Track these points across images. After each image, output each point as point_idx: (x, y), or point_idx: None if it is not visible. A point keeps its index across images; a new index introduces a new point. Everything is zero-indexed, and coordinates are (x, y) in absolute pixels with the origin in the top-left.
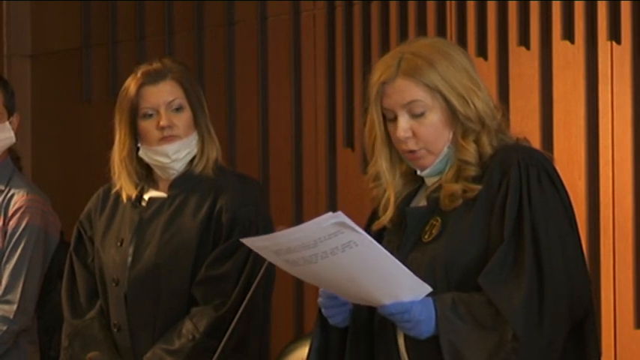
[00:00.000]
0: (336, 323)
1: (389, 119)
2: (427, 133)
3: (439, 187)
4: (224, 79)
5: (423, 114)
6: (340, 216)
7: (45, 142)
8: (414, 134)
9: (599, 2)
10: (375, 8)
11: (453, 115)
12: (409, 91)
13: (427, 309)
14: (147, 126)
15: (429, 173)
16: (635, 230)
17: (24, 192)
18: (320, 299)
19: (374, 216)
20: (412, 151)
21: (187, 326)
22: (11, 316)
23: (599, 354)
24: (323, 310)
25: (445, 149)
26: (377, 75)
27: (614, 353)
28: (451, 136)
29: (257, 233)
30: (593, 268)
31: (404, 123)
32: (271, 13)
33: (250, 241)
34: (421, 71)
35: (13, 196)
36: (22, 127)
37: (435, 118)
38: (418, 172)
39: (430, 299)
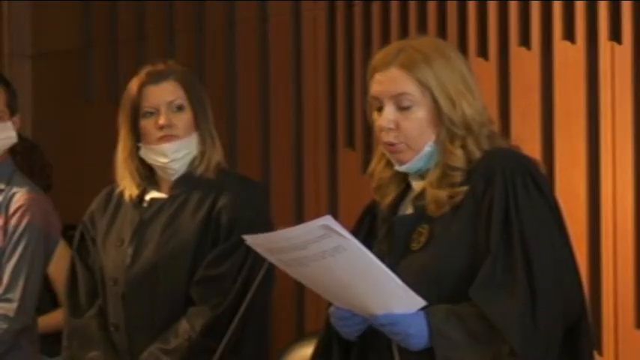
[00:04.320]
0: (348, 337)
1: (375, 108)
2: (410, 128)
3: (424, 193)
4: (225, 80)
5: (410, 108)
6: (327, 219)
7: (45, 143)
8: (397, 127)
9: (600, 2)
10: (375, 8)
11: (438, 116)
12: (400, 82)
13: (418, 323)
14: (147, 125)
15: (407, 169)
16: (635, 230)
17: (25, 191)
18: (333, 319)
19: (367, 211)
20: (392, 144)
21: (184, 326)
22: (12, 315)
23: (591, 355)
24: (339, 329)
25: (426, 148)
26: (374, 60)
27: (614, 353)
28: (434, 137)
29: None
30: (593, 269)
31: (389, 114)
32: (272, 14)
33: (249, 239)
34: (416, 65)
35: (14, 194)
36: (22, 128)
37: (420, 114)
38: (396, 167)
39: (422, 313)
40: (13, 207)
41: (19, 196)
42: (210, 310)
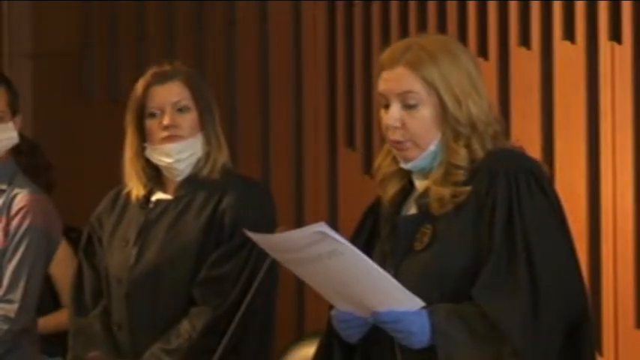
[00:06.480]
0: (350, 339)
1: (382, 105)
2: (416, 126)
3: (428, 192)
4: (225, 80)
5: (416, 106)
6: (322, 226)
7: (45, 143)
8: (403, 125)
9: (600, 2)
10: (375, 8)
11: (444, 115)
12: (406, 81)
13: (420, 321)
14: (152, 125)
15: (412, 167)
16: (635, 230)
17: (27, 192)
18: (335, 322)
19: (370, 211)
20: (399, 142)
21: (185, 326)
22: (13, 315)
23: (593, 356)
24: (341, 332)
25: (432, 147)
26: (382, 58)
27: (614, 353)
28: (439, 136)
29: None
30: (593, 269)
31: (395, 112)
32: (272, 14)
33: (252, 236)
34: (423, 64)
35: (16, 195)
36: (22, 128)
37: (426, 113)
38: (401, 164)
39: (424, 311)
40: (15, 208)
41: (21, 197)
42: (211, 311)
